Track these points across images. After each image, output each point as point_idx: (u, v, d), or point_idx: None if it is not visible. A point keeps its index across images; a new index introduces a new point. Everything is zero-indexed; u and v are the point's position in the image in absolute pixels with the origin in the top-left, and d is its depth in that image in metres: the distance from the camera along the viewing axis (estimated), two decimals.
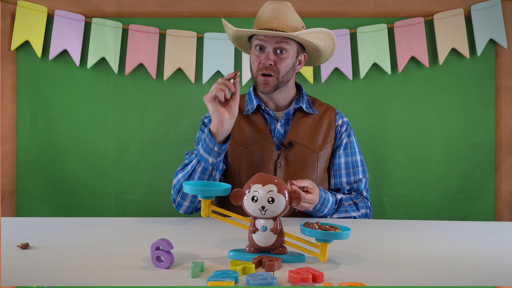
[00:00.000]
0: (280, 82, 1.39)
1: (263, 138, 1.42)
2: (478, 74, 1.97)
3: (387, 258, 0.91)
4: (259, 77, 1.39)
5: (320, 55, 1.47)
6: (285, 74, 1.39)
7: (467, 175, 1.99)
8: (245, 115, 1.46)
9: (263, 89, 1.39)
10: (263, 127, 1.44)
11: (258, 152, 1.41)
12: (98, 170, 2.00)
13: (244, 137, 1.43)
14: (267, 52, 1.36)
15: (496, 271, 0.84)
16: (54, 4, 1.94)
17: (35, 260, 0.88)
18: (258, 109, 1.47)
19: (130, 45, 1.95)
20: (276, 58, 1.37)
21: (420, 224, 1.32)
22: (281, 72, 1.38)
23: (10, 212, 1.97)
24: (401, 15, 1.98)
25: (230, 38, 1.48)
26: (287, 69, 1.39)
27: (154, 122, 2.01)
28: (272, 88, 1.39)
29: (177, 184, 1.35)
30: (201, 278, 0.77)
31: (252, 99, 1.47)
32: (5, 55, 1.94)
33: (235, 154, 1.42)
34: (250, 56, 1.43)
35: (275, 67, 1.37)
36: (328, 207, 1.34)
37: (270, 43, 1.35)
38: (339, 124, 1.49)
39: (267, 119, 1.46)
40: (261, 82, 1.39)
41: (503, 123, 1.97)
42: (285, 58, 1.37)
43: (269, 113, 1.45)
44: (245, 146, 1.42)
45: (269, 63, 1.36)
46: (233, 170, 1.42)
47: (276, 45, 1.36)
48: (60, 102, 1.98)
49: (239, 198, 0.88)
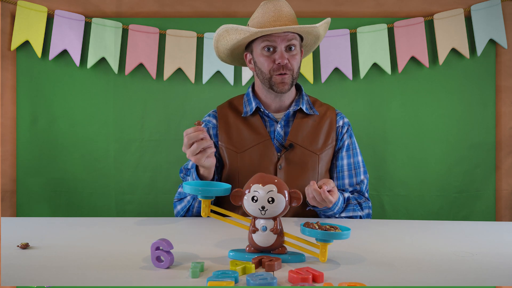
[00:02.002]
0: (294, 79, 1.40)
1: (262, 141, 1.41)
2: (478, 74, 1.97)
3: (387, 258, 0.91)
4: (274, 77, 1.37)
5: (313, 46, 1.50)
6: (298, 70, 1.40)
7: (467, 175, 1.99)
8: (244, 118, 1.45)
9: (282, 87, 1.38)
10: (262, 129, 1.42)
11: (258, 155, 1.40)
12: (98, 170, 2.00)
13: (243, 140, 1.42)
14: (279, 51, 1.35)
15: (496, 271, 0.84)
16: (54, 4, 1.94)
17: (35, 260, 0.88)
18: (257, 111, 1.45)
19: (130, 45, 1.95)
20: (289, 55, 1.37)
21: (420, 224, 1.32)
22: (295, 68, 1.38)
23: (10, 212, 1.97)
24: (401, 15, 1.98)
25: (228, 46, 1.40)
26: (299, 64, 1.40)
27: (154, 122, 2.01)
28: (289, 86, 1.39)
29: (177, 215, 1.43)
30: (201, 278, 0.77)
31: (251, 101, 1.45)
32: (5, 55, 1.94)
33: (234, 157, 1.41)
34: (256, 58, 1.40)
35: (289, 64, 1.37)
36: (338, 205, 1.33)
37: (282, 42, 1.35)
38: (340, 125, 1.48)
39: (266, 120, 1.45)
40: (278, 81, 1.37)
41: (503, 123, 1.97)
42: (296, 54, 1.38)
43: (268, 115, 1.44)
44: (244, 149, 1.41)
45: (285, 61, 1.35)
46: (233, 173, 1.41)
47: (287, 43, 1.35)
48: (60, 102, 1.99)
49: (239, 198, 0.88)
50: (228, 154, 1.42)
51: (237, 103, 1.49)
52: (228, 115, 1.46)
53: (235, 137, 1.42)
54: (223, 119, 1.46)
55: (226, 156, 1.42)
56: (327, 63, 1.97)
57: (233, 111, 1.47)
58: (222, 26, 1.36)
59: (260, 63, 1.39)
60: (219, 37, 1.39)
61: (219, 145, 1.44)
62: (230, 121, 1.45)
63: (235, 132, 1.42)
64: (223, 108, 1.49)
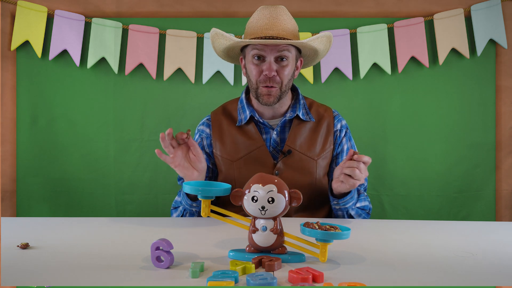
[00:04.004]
0: (283, 92, 1.34)
1: (257, 148, 1.38)
2: (478, 74, 1.97)
3: (387, 258, 0.91)
4: (261, 88, 1.33)
5: (316, 58, 1.44)
6: (288, 83, 1.34)
7: (467, 175, 1.99)
8: (238, 126, 1.41)
9: (267, 100, 1.33)
10: (257, 137, 1.39)
11: (253, 162, 1.37)
12: (98, 170, 2.00)
13: (237, 149, 1.39)
14: (268, 62, 1.30)
15: (496, 271, 0.84)
16: (54, 4, 1.94)
17: (35, 260, 0.88)
18: (252, 119, 1.42)
19: (130, 45, 1.95)
20: (278, 67, 1.31)
21: (420, 224, 1.32)
22: (284, 81, 1.32)
23: (10, 212, 1.97)
24: (401, 15, 1.98)
25: (221, 50, 1.39)
26: (289, 77, 1.34)
27: (154, 122, 2.01)
28: (276, 99, 1.34)
29: None
30: (201, 278, 0.77)
31: (245, 109, 1.41)
32: (5, 55, 1.94)
33: (229, 166, 1.39)
34: (247, 65, 1.36)
35: (278, 77, 1.31)
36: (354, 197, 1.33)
37: (271, 52, 1.29)
38: (338, 129, 1.44)
39: (261, 128, 1.41)
40: (264, 94, 1.33)
41: (503, 123, 1.97)
42: (287, 66, 1.32)
43: (264, 123, 1.40)
44: (238, 158, 1.38)
45: (272, 74, 1.30)
46: (229, 181, 1.39)
47: (277, 54, 1.30)
48: (60, 102, 1.99)
49: (239, 198, 0.88)
50: (223, 162, 1.40)
51: (231, 109, 1.45)
52: (222, 122, 1.43)
53: (229, 145, 1.40)
54: (216, 127, 1.43)
55: (222, 164, 1.40)
56: (327, 63, 1.97)
57: (227, 118, 1.44)
58: (212, 30, 1.34)
59: (249, 71, 1.35)
60: (212, 38, 1.37)
61: (213, 154, 1.42)
62: (224, 129, 1.42)
63: (229, 140, 1.40)
64: (217, 115, 1.46)
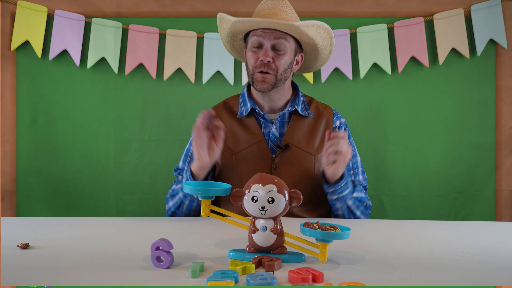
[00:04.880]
0: (278, 80, 1.36)
1: (257, 141, 1.39)
2: (478, 74, 1.97)
3: (387, 258, 0.91)
4: (256, 74, 1.35)
5: (317, 56, 1.44)
6: (283, 72, 1.36)
7: (467, 175, 1.99)
8: (238, 119, 1.43)
9: (261, 86, 1.35)
10: (257, 130, 1.40)
11: (252, 156, 1.38)
12: (98, 170, 2.00)
13: (237, 142, 1.40)
14: (265, 49, 1.33)
15: (496, 271, 0.84)
16: (54, 4, 1.94)
17: (35, 260, 0.88)
18: (252, 112, 1.43)
19: (130, 45, 1.95)
20: (274, 55, 1.33)
21: (420, 224, 1.32)
22: (279, 69, 1.34)
23: (10, 212, 1.97)
24: (401, 15, 1.98)
25: (225, 36, 1.43)
26: (285, 66, 1.35)
27: (154, 122, 2.01)
28: (270, 86, 1.35)
29: (169, 210, 1.42)
30: (201, 278, 0.77)
31: (246, 102, 1.43)
32: (5, 55, 1.94)
33: (228, 159, 1.40)
34: (246, 53, 1.39)
35: (273, 64, 1.33)
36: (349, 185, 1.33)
37: (269, 39, 1.32)
38: (336, 126, 1.46)
39: (261, 121, 1.43)
40: (258, 80, 1.35)
41: (503, 123, 1.97)
42: (283, 55, 1.34)
43: (264, 116, 1.41)
44: (238, 151, 1.39)
45: (267, 59, 1.32)
46: (228, 174, 1.39)
47: (274, 41, 1.33)
48: (60, 102, 1.98)
49: (239, 198, 0.88)
50: (222, 155, 1.39)
51: (232, 104, 1.48)
52: (223, 116, 1.44)
53: (230, 138, 1.40)
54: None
55: (221, 157, 1.40)
56: (327, 63, 1.95)
57: (228, 112, 1.46)
58: (218, 14, 1.39)
59: (248, 58, 1.38)
60: (219, 27, 1.42)
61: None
62: (224, 122, 1.42)
63: (229, 133, 1.41)
64: (218, 109, 1.48)
